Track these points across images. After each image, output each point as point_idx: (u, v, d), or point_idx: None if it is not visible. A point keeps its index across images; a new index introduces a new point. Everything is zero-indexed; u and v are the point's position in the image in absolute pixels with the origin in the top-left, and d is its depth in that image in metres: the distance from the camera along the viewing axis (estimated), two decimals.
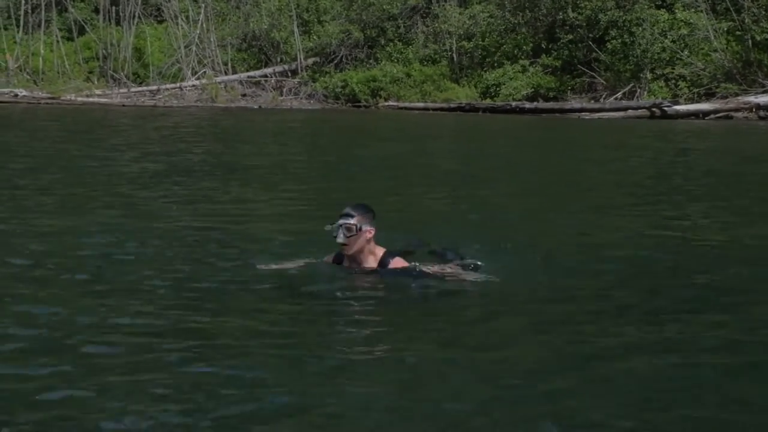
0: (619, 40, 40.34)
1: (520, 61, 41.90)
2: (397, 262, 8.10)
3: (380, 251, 8.15)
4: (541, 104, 39.72)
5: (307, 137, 28.71)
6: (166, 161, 19.32)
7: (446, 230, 10.97)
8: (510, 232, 11.04)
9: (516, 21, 43.11)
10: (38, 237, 10.27)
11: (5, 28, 46.77)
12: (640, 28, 39.87)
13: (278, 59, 45.91)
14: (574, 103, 39.64)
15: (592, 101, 40.04)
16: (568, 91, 41.46)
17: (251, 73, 45.54)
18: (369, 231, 8.04)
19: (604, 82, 40.89)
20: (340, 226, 8.00)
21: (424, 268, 8.13)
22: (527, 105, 39.26)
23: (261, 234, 10.76)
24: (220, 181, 16.27)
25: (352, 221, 7.97)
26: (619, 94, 39.76)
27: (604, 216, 12.92)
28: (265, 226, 11.42)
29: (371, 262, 8.12)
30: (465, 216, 12.68)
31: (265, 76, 45.37)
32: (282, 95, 44.26)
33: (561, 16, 42.19)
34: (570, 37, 41.96)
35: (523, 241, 10.09)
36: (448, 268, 8.19)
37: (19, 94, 42.65)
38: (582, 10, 41.27)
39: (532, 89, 40.99)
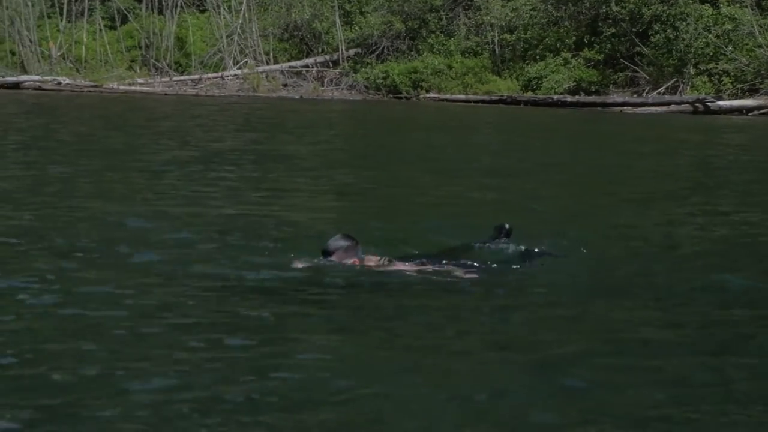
0: (663, 35, 39.97)
1: (563, 55, 41.64)
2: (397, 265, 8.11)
3: (373, 260, 8.16)
4: (583, 98, 39.47)
5: (348, 128, 28.72)
6: (206, 149, 19.40)
7: (489, 222, 10.89)
8: (551, 223, 10.99)
9: (559, 14, 42.85)
10: (77, 221, 10.35)
11: (49, 17, 47.10)
12: (684, 23, 39.49)
13: (320, 50, 45.89)
14: (617, 97, 39.41)
15: (635, 95, 39.76)
16: (611, 85, 41.20)
17: (292, 63, 45.56)
18: (354, 262, 8.03)
19: (647, 77, 40.58)
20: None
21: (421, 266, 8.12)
22: (569, 98, 39.04)
23: (294, 223, 10.71)
24: (258, 170, 16.32)
25: (332, 259, 7.99)
26: (662, 89, 39.46)
27: (643, 209, 12.84)
28: (300, 216, 11.38)
29: None
30: (509, 208, 12.62)
31: (307, 66, 45.37)
32: (323, 86, 44.23)
33: (604, 10, 41.89)
34: (613, 30, 41.67)
35: (562, 233, 10.02)
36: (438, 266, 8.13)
37: (62, 82, 42.90)
38: (625, 3, 40.97)
39: (574, 83, 40.75)
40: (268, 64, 45.38)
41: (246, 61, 45.11)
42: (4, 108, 31.34)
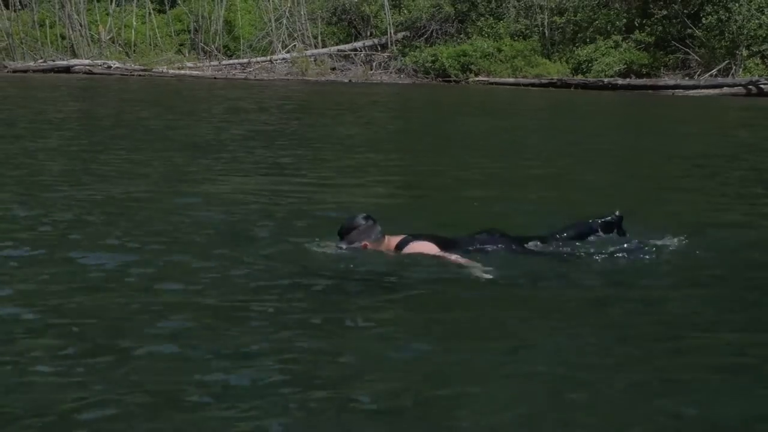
0: (715, 17, 39.53)
1: (613, 37, 41.29)
2: (414, 247, 7.92)
3: (395, 240, 8.02)
4: (634, 80, 39.20)
5: (398, 111, 28.65)
6: (257, 132, 19.52)
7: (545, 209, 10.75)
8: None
9: None
10: (118, 202, 10.52)
11: (98, 0, 47.27)
12: (737, 4, 39.05)
13: (368, 33, 45.82)
14: (668, 79, 39.11)
15: (686, 78, 39.41)
16: (661, 68, 40.83)
17: (341, 47, 45.51)
18: (365, 245, 7.90)
19: (699, 59, 40.18)
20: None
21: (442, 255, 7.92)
22: (620, 81, 38.79)
23: (337, 205, 10.62)
24: (306, 152, 16.36)
25: (344, 247, 7.92)
26: (714, 71, 39.04)
27: (710, 196, 12.68)
28: (344, 199, 11.29)
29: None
30: (562, 194, 12.50)
31: (355, 50, 45.31)
32: (372, 69, 44.17)
33: None
34: (664, 12, 41.28)
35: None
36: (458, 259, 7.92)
37: (112, 65, 43.15)
38: None
39: (625, 65, 40.40)
40: (316, 47, 45.38)
41: (294, 45, 45.13)
42: (56, 91, 31.56)
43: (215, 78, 42.01)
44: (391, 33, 44.73)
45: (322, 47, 45.48)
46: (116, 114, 23.55)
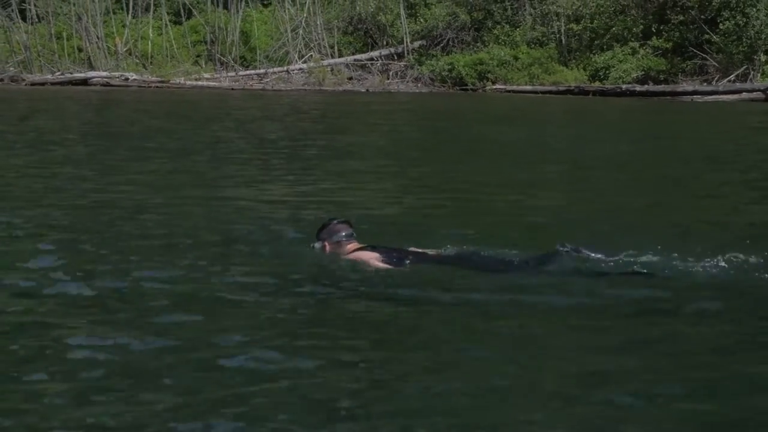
0: (732, 22, 39.44)
1: (630, 44, 41.28)
2: (358, 255, 8.04)
3: (354, 247, 8.19)
4: (652, 87, 39.11)
5: (417, 120, 28.59)
6: (275, 141, 19.60)
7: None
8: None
9: (626, 2, 42.47)
10: (140, 208, 10.55)
11: (114, 12, 47.44)
12: (754, 9, 38.97)
13: (384, 42, 45.86)
14: (687, 85, 38.97)
15: (704, 84, 39.30)
16: (679, 74, 40.75)
17: (357, 57, 45.55)
18: (324, 245, 8.20)
19: (716, 65, 40.08)
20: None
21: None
22: (638, 88, 38.70)
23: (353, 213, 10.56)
24: (325, 160, 16.34)
25: (313, 245, 8.28)
26: (731, 77, 38.94)
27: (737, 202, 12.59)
28: (362, 207, 11.22)
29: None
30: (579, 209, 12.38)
31: (372, 59, 45.34)
32: (388, 78, 44.18)
33: None
34: (681, 18, 41.23)
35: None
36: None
37: (129, 77, 43.23)
38: None
39: (643, 72, 40.37)
40: (332, 57, 45.42)
41: (311, 55, 45.17)
42: (74, 102, 31.63)
43: (232, 89, 42.08)
44: (407, 42, 44.76)
45: (339, 57, 45.52)
46: (136, 124, 23.57)
